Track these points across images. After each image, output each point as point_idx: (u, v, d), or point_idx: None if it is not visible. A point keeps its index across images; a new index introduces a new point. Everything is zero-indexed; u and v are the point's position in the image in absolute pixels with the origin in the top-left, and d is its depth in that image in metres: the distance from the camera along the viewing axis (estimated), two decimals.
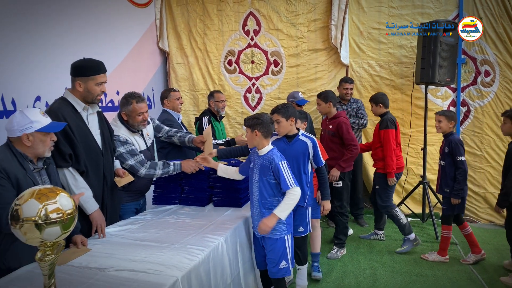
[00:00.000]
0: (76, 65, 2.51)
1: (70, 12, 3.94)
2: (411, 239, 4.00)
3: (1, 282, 1.82)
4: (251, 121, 2.59)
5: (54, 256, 1.33)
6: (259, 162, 2.60)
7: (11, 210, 1.28)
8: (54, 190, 1.33)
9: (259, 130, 2.56)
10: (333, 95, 4.00)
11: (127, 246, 2.24)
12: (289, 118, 2.90)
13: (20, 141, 1.99)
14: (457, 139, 3.73)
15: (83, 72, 2.47)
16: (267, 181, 2.55)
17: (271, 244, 2.59)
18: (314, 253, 3.49)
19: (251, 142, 2.64)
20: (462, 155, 3.65)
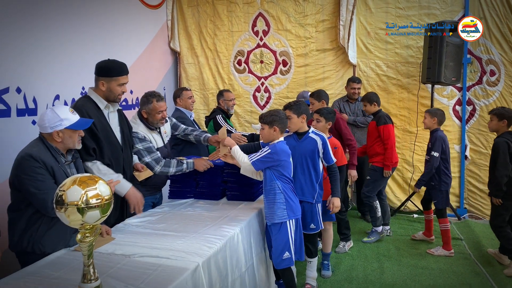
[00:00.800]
0: (101, 65, 2.66)
1: (86, 14, 4.09)
2: (378, 231, 4.27)
3: (37, 265, 1.96)
4: (269, 117, 2.69)
5: (92, 238, 1.47)
6: None
7: (56, 195, 1.42)
8: (93, 178, 1.47)
9: (278, 126, 2.67)
10: (326, 94, 4.07)
11: (149, 235, 2.38)
12: (301, 115, 2.97)
13: (51, 136, 2.14)
14: (439, 136, 3.96)
15: (107, 72, 2.62)
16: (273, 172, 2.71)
17: (275, 233, 2.71)
18: (325, 253, 3.56)
19: (268, 138, 2.73)
20: (437, 151, 3.90)
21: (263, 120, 2.71)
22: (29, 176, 2.02)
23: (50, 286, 1.75)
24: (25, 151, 2.07)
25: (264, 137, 2.77)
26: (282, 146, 2.73)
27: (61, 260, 2.04)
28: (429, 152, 4.00)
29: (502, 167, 3.50)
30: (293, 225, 2.73)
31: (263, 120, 2.71)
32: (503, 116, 3.58)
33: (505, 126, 3.60)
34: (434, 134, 3.99)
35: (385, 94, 5.26)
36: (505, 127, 3.60)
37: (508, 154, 3.49)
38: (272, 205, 2.70)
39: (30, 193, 2.04)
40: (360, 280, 3.40)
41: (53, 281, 1.80)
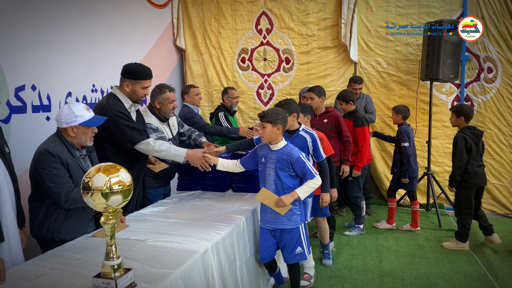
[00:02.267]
0: (128, 68, 2.86)
1: (96, 15, 4.24)
2: (360, 228, 4.43)
3: (58, 251, 2.13)
4: (272, 116, 2.59)
5: (115, 220, 1.63)
6: (274, 157, 2.65)
7: (82, 182, 1.58)
8: (115, 166, 1.63)
9: (282, 125, 2.61)
10: (324, 91, 4.10)
11: (160, 223, 2.55)
12: (292, 113, 3.00)
13: (66, 131, 2.30)
14: (403, 129, 4.41)
15: (133, 75, 2.81)
16: (287, 175, 2.63)
17: (287, 234, 2.70)
18: (323, 244, 3.66)
19: (270, 137, 2.63)
20: (406, 142, 4.34)
21: (266, 118, 2.59)
22: (46, 170, 2.18)
23: (73, 266, 1.92)
24: (43, 147, 2.23)
25: (265, 137, 2.64)
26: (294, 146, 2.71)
27: (81, 245, 2.21)
28: (397, 144, 4.46)
29: (457, 159, 3.84)
30: (303, 224, 2.79)
31: (266, 118, 2.59)
32: (460, 113, 3.90)
33: (463, 122, 3.91)
34: (400, 128, 4.44)
35: (386, 90, 5.41)
36: (463, 123, 3.91)
37: (464, 148, 3.82)
38: (287, 212, 2.65)
39: (47, 186, 2.20)
40: (359, 268, 3.56)
41: (76, 262, 1.97)
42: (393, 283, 3.27)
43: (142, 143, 2.82)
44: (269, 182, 2.67)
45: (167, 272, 1.83)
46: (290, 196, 2.60)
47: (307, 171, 2.61)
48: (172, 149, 2.90)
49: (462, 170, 3.84)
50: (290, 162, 2.61)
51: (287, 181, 2.65)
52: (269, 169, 2.67)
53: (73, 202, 2.14)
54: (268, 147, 2.71)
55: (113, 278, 1.61)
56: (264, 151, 2.74)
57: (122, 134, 2.76)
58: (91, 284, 1.68)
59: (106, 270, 1.63)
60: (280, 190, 2.64)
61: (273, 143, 2.67)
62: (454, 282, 3.27)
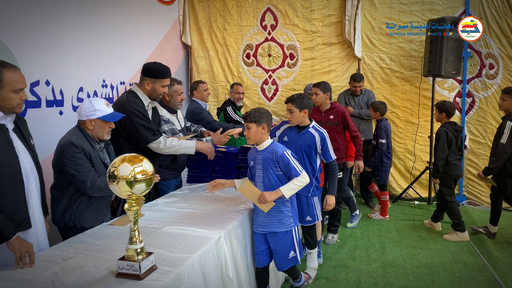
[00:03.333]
0: (149, 67, 2.99)
1: (106, 13, 4.33)
2: (357, 213, 4.61)
3: (79, 238, 2.25)
4: (255, 115, 2.51)
5: (138, 207, 1.75)
6: (260, 157, 2.59)
7: (108, 171, 1.69)
8: (138, 157, 1.74)
9: (266, 123, 2.53)
10: (330, 87, 4.01)
11: (174, 212, 2.67)
12: (303, 109, 2.94)
13: (86, 124, 2.41)
14: (383, 125, 4.61)
15: (154, 74, 2.95)
16: (273, 174, 2.56)
17: (280, 238, 2.60)
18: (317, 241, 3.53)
19: (255, 137, 2.55)
20: (384, 139, 4.60)
21: (250, 119, 2.51)
22: (70, 160, 2.30)
23: (95, 251, 2.04)
24: (67, 138, 2.35)
25: (251, 138, 2.56)
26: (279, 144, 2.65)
27: (100, 232, 2.33)
28: (375, 139, 4.67)
29: (439, 152, 4.08)
30: (296, 227, 2.69)
31: (250, 119, 2.51)
32: (442, 109, 4.16)
33: (445, 118, 4.17)
34: (379, 124, 4.65)
35: (389, 86, 5.50)
36: (445, 118, 4.18)
37: (446, 141, 4.07)
38: (277, 214, 2.58)
39: (71, 175, 2.32)
40: (363, 258, 3.68)
41: (97, 247, 2.09)
42: (395, 272, 3.39)
43: (154, 142, 2.96)
44: (259, 184, 2.60)
45: (184, 256, 1.95)
46: (273, 193, 2.50)
47: (291, 169, 2.51)
48: (182, 143, 3.04)
49: (444, 162, 4.08)
50: (276, 159, 2.53)
51: (276, 181, 2.56)
52: (257, 170, 2.61)
53: (97, 189, 2.26)
54: (255, 149, 2.64)
55: (136, 261, 1.73)
56: (252, 154, 2.68)
57: (136, 132, 2.89)
58: (115, 266, 1.80)
59: (130, 253, 1.75)
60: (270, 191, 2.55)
61: (259, 143, 2.59)
62: (454, 271, 3.39)
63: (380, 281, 3.24)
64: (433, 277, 3.29)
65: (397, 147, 5.54)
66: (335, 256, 3.74)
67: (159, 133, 3.01)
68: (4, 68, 1.96)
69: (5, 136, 1.99)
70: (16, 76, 1.99)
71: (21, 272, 1.81)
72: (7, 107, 1.98)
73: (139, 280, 1.70)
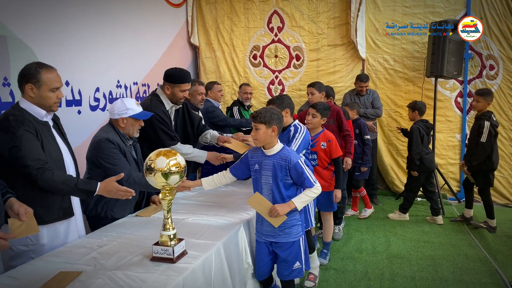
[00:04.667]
0: (168, 72, 3.17)
1: (120, 16, 4.49)
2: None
3: (109, 227, 2.43)
4: (266, 116, 2.30)
5: (171, 197, 1.92)
6: (269, 163, 2.36)
7: (145, 164, 1.87)
8: (171, 151, 1.91)
9: (277, 126, 2.32)
10: (325, 86, 4.06)
11: (194, 205, 2.85)
12: (284, 109, 2.86)
13: (118, 122, 2.58)
14: (362, 123, 4.82)
15: (173, 79, 3.12)
16: (286, 184, 2.36)
17: (286, 248, 2.41)
18: (325, 242, 3.63)
19: (264, 140, 2.33)
20: (368, 134, 4.78)
21: (260, 119, 2.29)
22: (107, 155, 2.46)
23: (127, 239, 2.21)
24: (102, 135, 2.51)
25: (259, 140, 2.33)
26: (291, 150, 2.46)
27: (129, 222, 2.51)
28: (356, 137, 4.73)
29: (415, 147, 4.48)
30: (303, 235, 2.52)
31: (260, 119, 2.29)
32: (414, 108, 4.59)
33: (417, 116, 4.59)
34: (358, 122, 4.78)
35: (392, 86, 5.68)
36: (417, 116, 4.59)
37: (419, 137, 4.49)
38: (286, 222, 2.37)
39: (108, 168, 2.47)
40: (369, 251, 3.86)
41: (128, 236, 2.26)
42: (400, 264, 3.56)
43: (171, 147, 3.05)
44: (266, 192, 2.38)
45: (211, 243, 2.13)
46: (286, 206, 2.31)
47: (305, 179, 2.32)
48: (195, 151, 3.19)
49: (419, 155, 4.48)
50: (288, 167, 2.32)
51: (286, 190, 2.37)
52: (265, 177, 2.38)
53: (132, 183, 2.43)
54: (262, 152, 2.40)
55: (170, 246, 1.90)
56: (257, 156, 2.43)
57: (155, 135, 3.06)
58: (148, 252, 1.98)
59: (163, 239, 1.92)
60: (278, 201, 2.35)
61: (267, 147, 2.36)
62: (457, 263, 3.56)
63: (387, 272, 3.41)
64: (437, 268, 3.47)
65: (400, 145, 5.71)
66: (342, 249, 3.91)
67: (176, 138, 3.16)
68: (42, 68, 2.13)
69: (50, 132, 2.17)
70: (53, 76, 2.16)
71: (64, 256, 1.99)
72: (45, 105, 2.15)
73: (172, 263, 1.88)
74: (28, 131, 2.03)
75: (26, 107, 2.11)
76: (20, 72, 2.13)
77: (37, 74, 2.09)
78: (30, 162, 1.99)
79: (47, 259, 1.95)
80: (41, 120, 2.15)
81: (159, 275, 1.76)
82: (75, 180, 2.12)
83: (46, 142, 2.12)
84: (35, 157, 2.01)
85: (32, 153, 2.01)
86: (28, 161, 1.99)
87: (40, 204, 2.06)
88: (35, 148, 2.04)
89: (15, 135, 1.99)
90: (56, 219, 2.14)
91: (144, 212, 2.69)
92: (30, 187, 2.05)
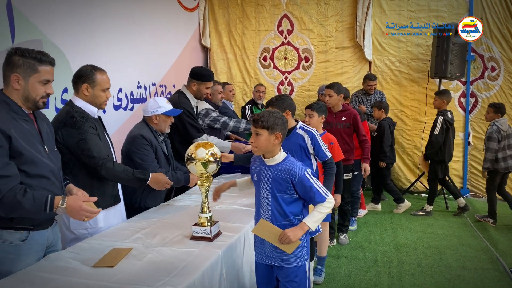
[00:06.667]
0: (195, 71, 3.50)
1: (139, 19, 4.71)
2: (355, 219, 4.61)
3: (145, 214, 2.68)
4: (269, 120, 1.96)
5: (208, 183, 2.19)
6: (269, 175, 2.02)
7: (186, 155, 2.14)
8: (208, 143, 2.18)
9: (281, 132, 1.98)
10: (344, 88, 3.94)
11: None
12: (285, 111, 2.64)
13: (151, 119, 2.84)
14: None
15: (200, 77, 3.45)
16: (289, 199, 2.00)
17: (291, 273, 2.05)
18: (320, 257, 3.33)
19: (265, 147, 1.99)
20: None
21: (262, 123, 1.96)
22: (139, 151, 2.72)
23: (164, 223, 2.47)
24: (138, 132, 2.77)
25: (259, 147, 1.99)
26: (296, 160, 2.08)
27: (162, 210, 2.78)
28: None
29: (386, 140, 4.98)
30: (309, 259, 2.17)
31: (262, 123, 1.96)
32: (381, 107, 5.10)
33: (383, 114, 5.11)
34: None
35: (398, 87, 5.93)
36: (383, 114, 5.12)
37: (389, 132, 5.06)
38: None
39: (137, 163, 2.73)
40: (377, 241, 4.11)
41: (165, 220, 2.52)
42: (407, 252, 3.81)
43: (198, 139, 3.42)
44: (264, 208, 2.06)
45: (241, 225, 2.40)
46: (298, 230, 1.95)
47: (315, 194, 1.96)
48: (221, 142, 3.54)
49: (390, 148, 4.98)
50: (292, 181, 1.97)
51: (288, 206, 2.01)
52: (264, 190, 2.06)
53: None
54: (262, 161, 2.07)
55: (207, 226, 2.16)
56: (257, 166, 2.11)
57: (184, 129, 3.38)
58: (186, 233, 2.25)
59: (202, 221, 2.18)
60: (279, 219, 2.01)
61: (268, 156, 2.03)
62: (460, 252, 3.81)
63: (395, 259, 3.66)
64: (441, 256, 3.72)
65: (405, 143, 5.96)
66: (352, 239, 4.16)
67: (202, 131, 3.50)
68: (96, 70, 2.40)
69: (101, 128, 2.44)
70: (105, 77, 2.43)
71: (113, 236, 2.25)
72: (97, 103, 2.41)
73: (210, 241, 2.14)
74: (91, 126, 2.30)
75: (80, 105, 2.36)
76: (76, 73, 2.40)
77: (92, 75, 2.35)
78: (96, 154, 2.26)
79: (99, 239, 2.21)
80: (94, 116, 2.41)
81: (200, 250, 2.03)
82: (131, 170, 2.41)
83: (101, 136, 2.39)
84: (99, 150, 2.29)
85: (96, 146, 2.29)
86: (93, 153, 2.26)
87: (97, 191, 2.32)
88: (98, 142, 2.31)
89: (82, 130, 2.25)
90: (109, 205, 2.41)
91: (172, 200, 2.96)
92: (90, 176, 2.32)
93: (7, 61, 1.81)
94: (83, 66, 2.41)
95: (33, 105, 1.87)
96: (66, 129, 2.26)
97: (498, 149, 4.53)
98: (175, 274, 1.77)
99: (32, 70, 1.81)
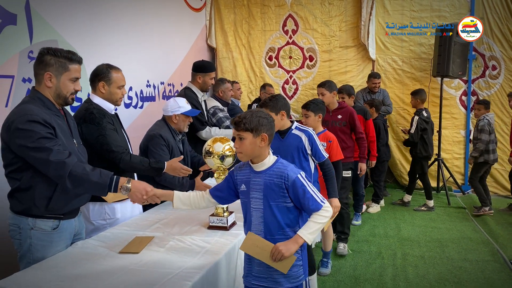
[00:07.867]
0: (198, 64, 3.68)
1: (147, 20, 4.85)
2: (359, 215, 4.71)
3: (161, 207, 2.81)
4: (252, 122, 1.75)
5: (224, 176, 2.32)
6: (259, 182, 1.79)
7: (204, 149, 2.27)
8: (224, 138, 2.32)
9: (267, 133, 1.77)
10: (336, 86, 3.90)
11: None
12: (279, 112, 2.56)
13: (171, 119, 2.96)
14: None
15: (203, 69, 3.61)
16: (284, 207, 1.78)
17: None
18: (325, 251, 3.41)
19: (251, 152, 1.77)
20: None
21: (244, 125, 1.75)
22: (155, 150, 2.84)
23: (180, 215, 2.59)
24: (157, 131, 2.88)
25: (244, 153, 1.78)
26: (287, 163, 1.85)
27: None
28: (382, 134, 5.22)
29: (382, 139, 5.06)
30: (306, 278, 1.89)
31: (244, 125, 1.75)
32: (372, 105, 5.12)
33: (374, 112, 5.13)
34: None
35: (401, 85, 6.05)
36: (375, 113, 5.14)
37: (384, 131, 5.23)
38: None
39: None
40: (381, 235, 4.24)
41: (181, 213, 2.64)
42: (411, 245, 3.95)
43: (202, 131, 3.62)
44: (256, 220, 1.81)
45: None
46: (292, 243, 1.72)
47: (309, 200, 1.74)
48: (223, 131, 3.71)
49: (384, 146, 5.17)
50: (285, 186, 1.76)
51: (283, 217, 1.78)
52: (254, 200, 1.81)
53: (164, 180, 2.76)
54: (250, 168, 1.84)
55: (224, 216, 2.29)
56: (243, 174, 1.86)
57: None
58: (203, 223, 2.38)
59: (218, 211, 2.32)
60: (273, 232, 1.78)
61: (256, 160, 1.81)
62: (461, 244, 3.94)
63: (398, 252, 3.79)
64: (444, 248, 3.85)
65: None
66: (357, 233, 4.29)
67: (206, 123, 3.68)
68: (112, 69, 2.53)
69: (118, 123, 2.57)
70: (120, 75, 2.56)
71: (133, 226, 2.39)
72: (113, 100, 2.54)
73: (226, 230, 2.27)
74: (109, 122, 2.43)
75: (98, 102, 2.50)
76: (93, 71, 2.53)
77: (108, 74, 2.48)
78: (114, 148, 2.40)
79: (121, 228, 2.35)
80: (111, 113, 2.54)
81: (218, 238, 2.16)
82: (148, 160, 2.54)
83: (119, 131, 2.52)
84: (118, 144, 2.42)
85: (115, 140, 2.42)
86: (112, 147, 2.39)
87: None
88: (116, 137, 2.44)
89: (101, 126, 2.38)
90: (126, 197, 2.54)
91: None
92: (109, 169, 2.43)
93: (39, 60, 1.94)
94: (100, 65, 2.54)
95: (63, 101, 2.00)
96: (86, 125, 2.39)
97: (489, 141, 4.80)
98: (198, 258, 1.91)
99: (63, 69, 1.95)
